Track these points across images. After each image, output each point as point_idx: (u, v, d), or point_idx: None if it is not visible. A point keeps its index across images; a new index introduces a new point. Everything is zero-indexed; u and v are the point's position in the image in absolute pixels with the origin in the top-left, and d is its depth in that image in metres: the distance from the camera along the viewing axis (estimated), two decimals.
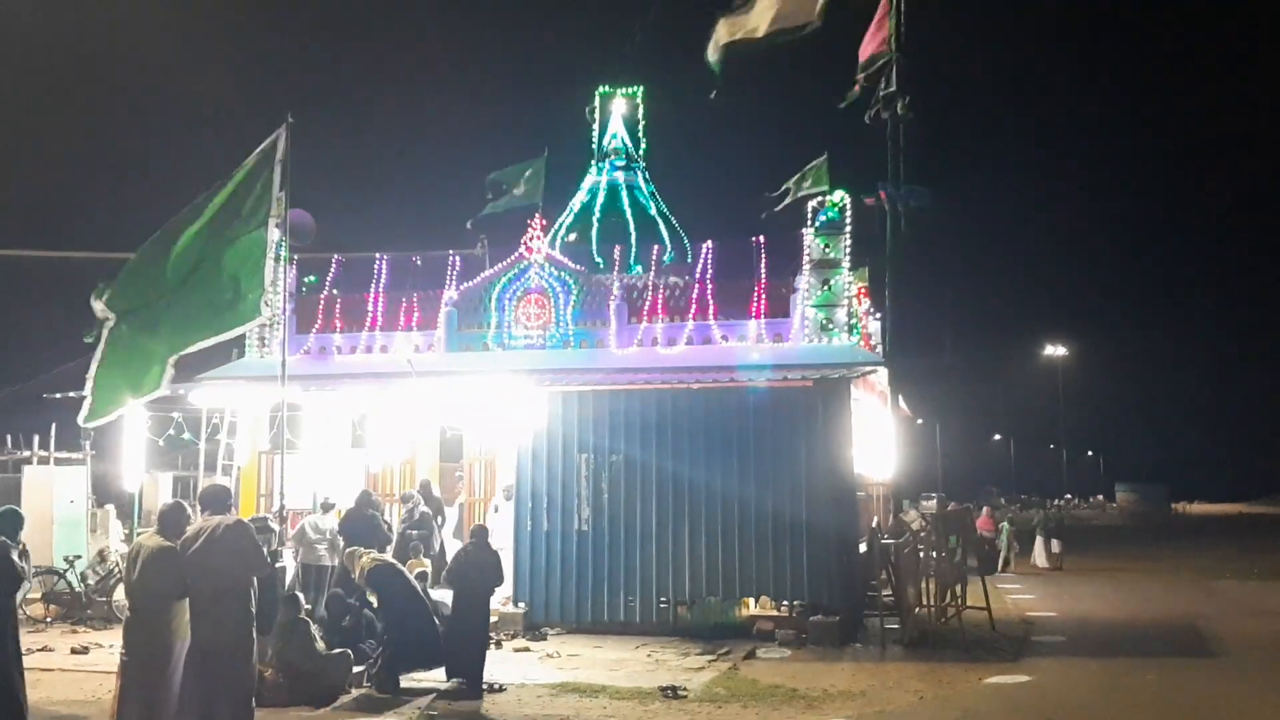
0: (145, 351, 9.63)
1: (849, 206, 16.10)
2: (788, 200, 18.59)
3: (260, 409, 16.80)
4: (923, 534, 15.58)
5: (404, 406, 17.05)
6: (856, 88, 16.55)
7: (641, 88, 21.60)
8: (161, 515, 8.47)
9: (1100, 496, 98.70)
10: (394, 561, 12.23)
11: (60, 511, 17.58)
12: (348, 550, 12.36)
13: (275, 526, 11.25)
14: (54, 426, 18.68)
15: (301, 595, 11.64)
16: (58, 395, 17.56)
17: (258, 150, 9.95)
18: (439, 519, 15.94)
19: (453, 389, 15.92)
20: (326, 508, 14.74)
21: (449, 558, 13.62)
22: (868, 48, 16.46)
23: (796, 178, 18.95)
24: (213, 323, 9.63)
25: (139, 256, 10.07)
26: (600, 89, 21.68)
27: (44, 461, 18.87)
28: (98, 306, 9.79)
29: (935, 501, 31.93)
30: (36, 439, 19.12)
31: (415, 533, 14.96)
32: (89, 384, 9.93)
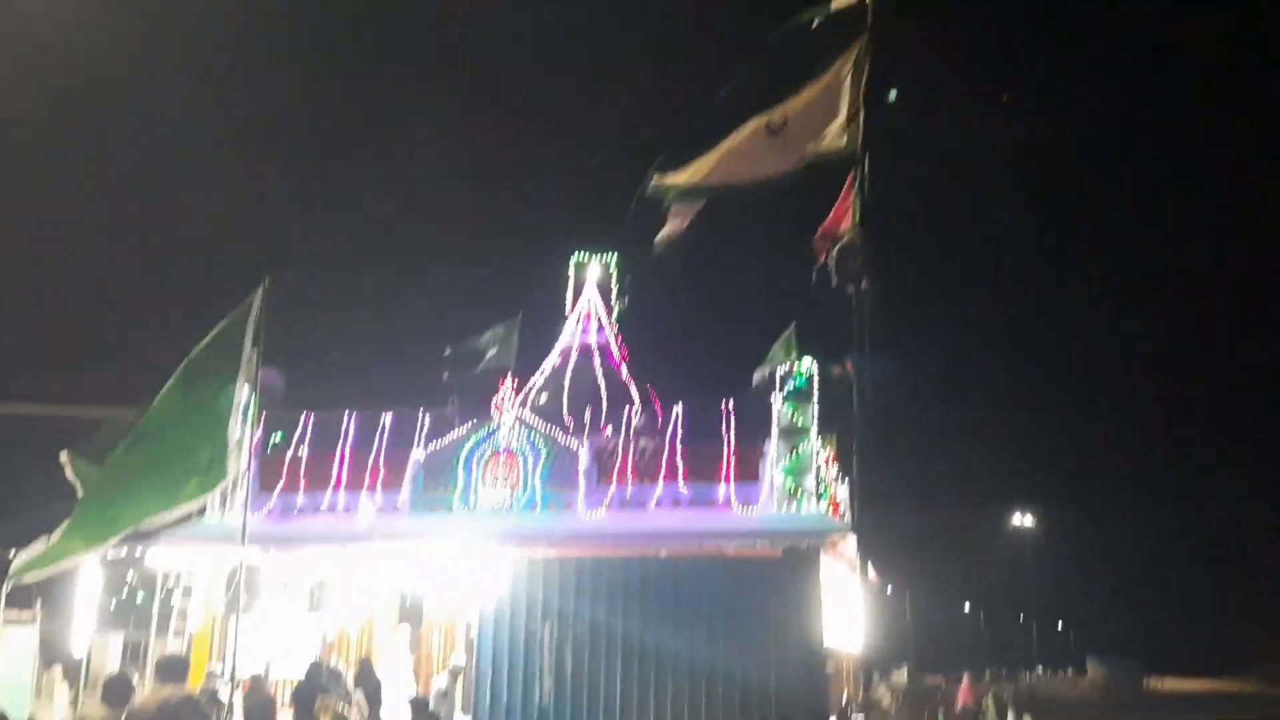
0: (107, 513, 9.37)
1: (816, 374, 16.32)
2: (760, 379, 18.75)
3: (218, 570, 16.43)
4: (892, 712, 15.24)
5: (365, 570, 16.73)
6: (823, 258, 16.82)
7: (616, 254, 22.04)
8: (106, 686, 8.14)
9: (1070, 670, 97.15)
10: None
11: (5, 673, 16.89)
12: (320, 699, 11.91)
13: (224, 699, 10.84)
14: (6, 584, 18.10)
15: None
16: (11, 553, 17.07)
17: (233, 312, 10.01)
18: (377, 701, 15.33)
19: (415, 552, 15.66)
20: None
21: None
22: (832, 221, 16.81)
23: (768, 356, 19.14)
24: (181, 489, 9.43)
25: (115, 425, 9.99)
26: (576, 254, 22.10)
27: None
28: (68, 470, 9.63)
29: (905, 673, 31.36)
30: None
31: None
32: (53, 537, 9.46)
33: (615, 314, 21.94)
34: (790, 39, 14.58)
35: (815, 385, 16.25)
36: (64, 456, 10.60)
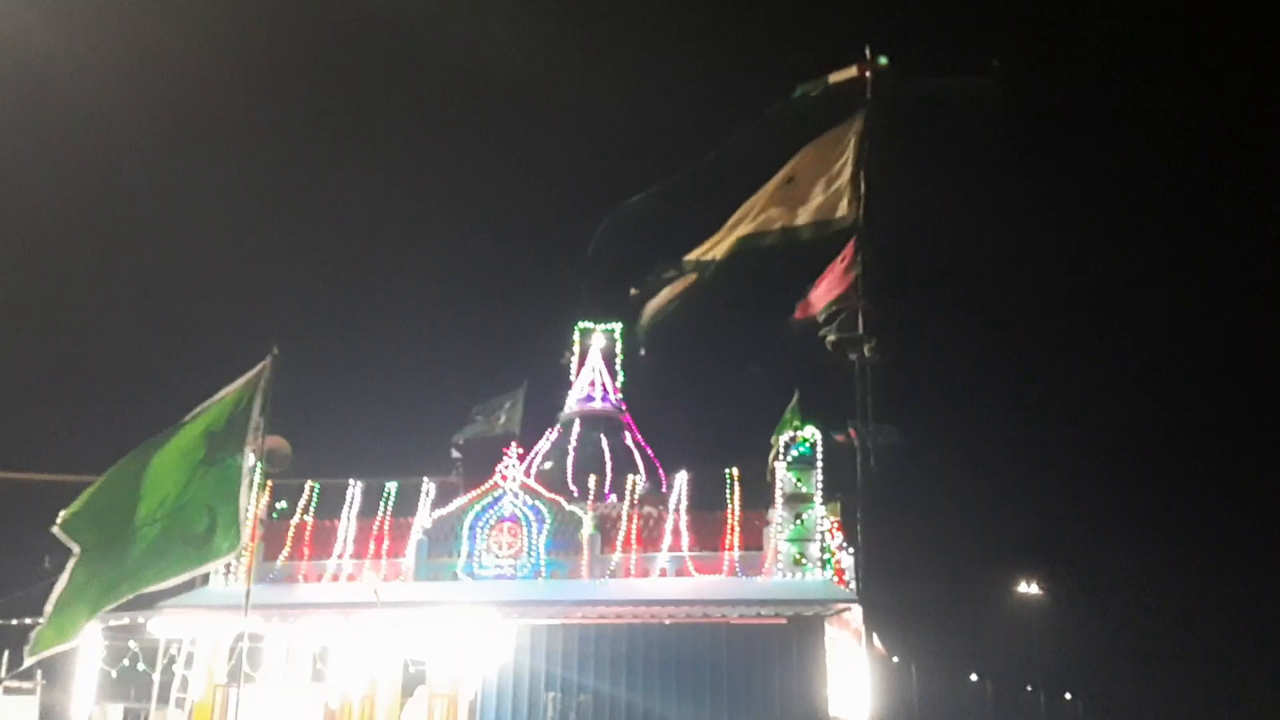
0: (109, 580, 9.38)
1: (820, 442, 16.32)
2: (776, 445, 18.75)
3: (221, 639, 16.34)
4: None
5: (368, 638, 16.64)
6: (820, 321, 16.82)
7: (620, 324, 22.16)
8: None
9: None
10: None
11: None
12: None
13: None
14: (5, 654, 18.04)
15: None
16: (14, 621, 17.06)
17: (241, 379, 10.10)
18: None
19: (418, 620, 15.58)
20: None
21: None
22: (828, 287, 16.85)
23: (782, 424, 19.11)
24: (188, 555, 9.45)
25: (106, 481, 9.95)
26: (579, 324, 22.23)
27: None
28: (62, 535, 9.60)
29: None
30: None
31: None
32: (47, 612, 9.56)
33: (620, 381, 22.03)
34: (791, 110, 14.86)
35: (819, 452, 16.24)
36: (60, 517, 10.63)
